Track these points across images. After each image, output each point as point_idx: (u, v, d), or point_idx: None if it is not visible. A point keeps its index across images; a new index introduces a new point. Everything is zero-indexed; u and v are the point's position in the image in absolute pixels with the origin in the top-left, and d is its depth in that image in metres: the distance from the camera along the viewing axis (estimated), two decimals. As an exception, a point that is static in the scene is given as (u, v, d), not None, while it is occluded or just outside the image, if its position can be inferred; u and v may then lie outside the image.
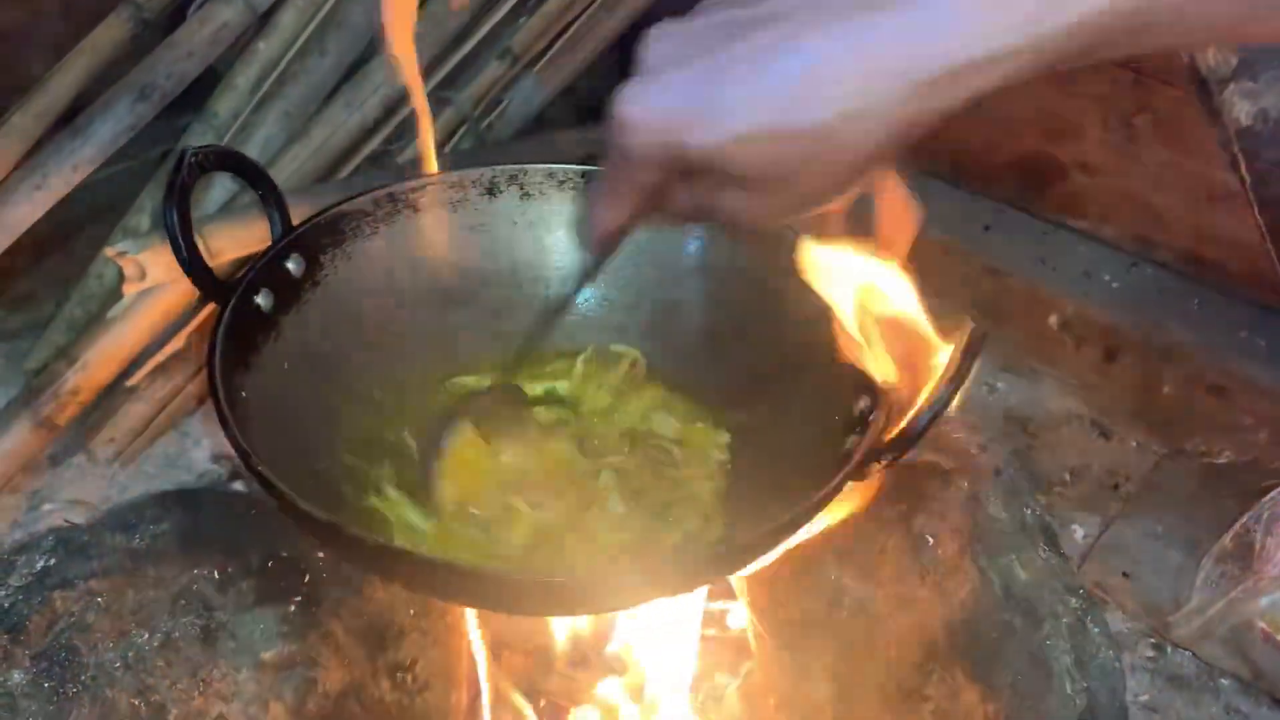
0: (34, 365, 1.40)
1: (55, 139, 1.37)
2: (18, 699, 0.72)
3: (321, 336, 0.92)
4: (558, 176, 1.04)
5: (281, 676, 0.79)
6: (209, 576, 0.78)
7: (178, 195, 0.83)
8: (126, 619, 0.75)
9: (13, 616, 0.75)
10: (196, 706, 0.77)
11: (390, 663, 0.84)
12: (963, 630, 0.81)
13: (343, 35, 1.43)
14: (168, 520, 0.81)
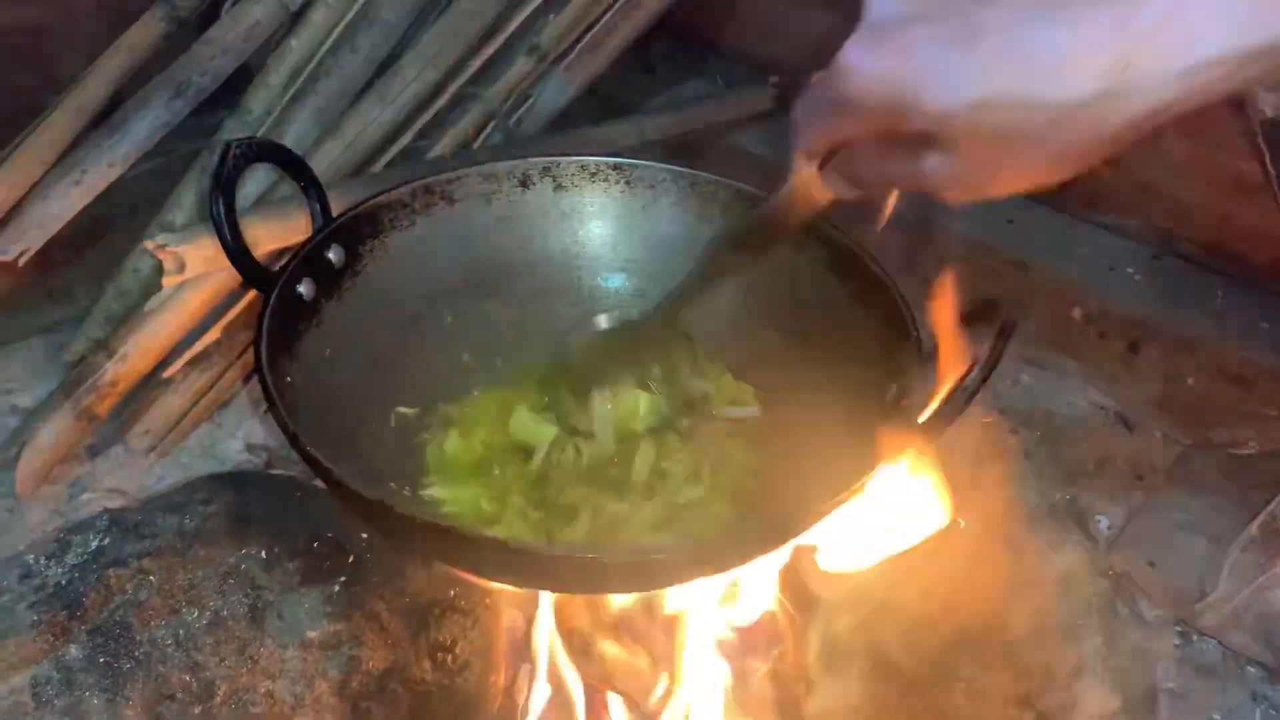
0: (72, 357, 1.42)
1: (93, 136, 1.40)
2: (75, 673, 0.74)
3: (362, 324, 0.95)
4: (590, 169, 1.06)
5: (326, 655, 0.81)
6: (256, 557, 0.80)
7: (223, 186, 0.85)
8: (177, 597, 0.77)
9: (70, 593, 0.77)
10: (244, 683, 0.79)
11: (431, 643, 0.85)
12: (994, 612, 0.82)
13: (374, 32, 1.45)
14: (216, 502, 0.84)
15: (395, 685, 0.84)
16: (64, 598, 0.77)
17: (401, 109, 1.44)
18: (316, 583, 0.82)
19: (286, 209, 1.21)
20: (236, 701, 0.78)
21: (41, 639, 0.76)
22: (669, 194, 1.05)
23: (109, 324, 1.41)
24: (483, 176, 1.04)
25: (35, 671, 0.74)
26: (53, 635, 0.76)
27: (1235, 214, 1.56)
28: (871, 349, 0.88)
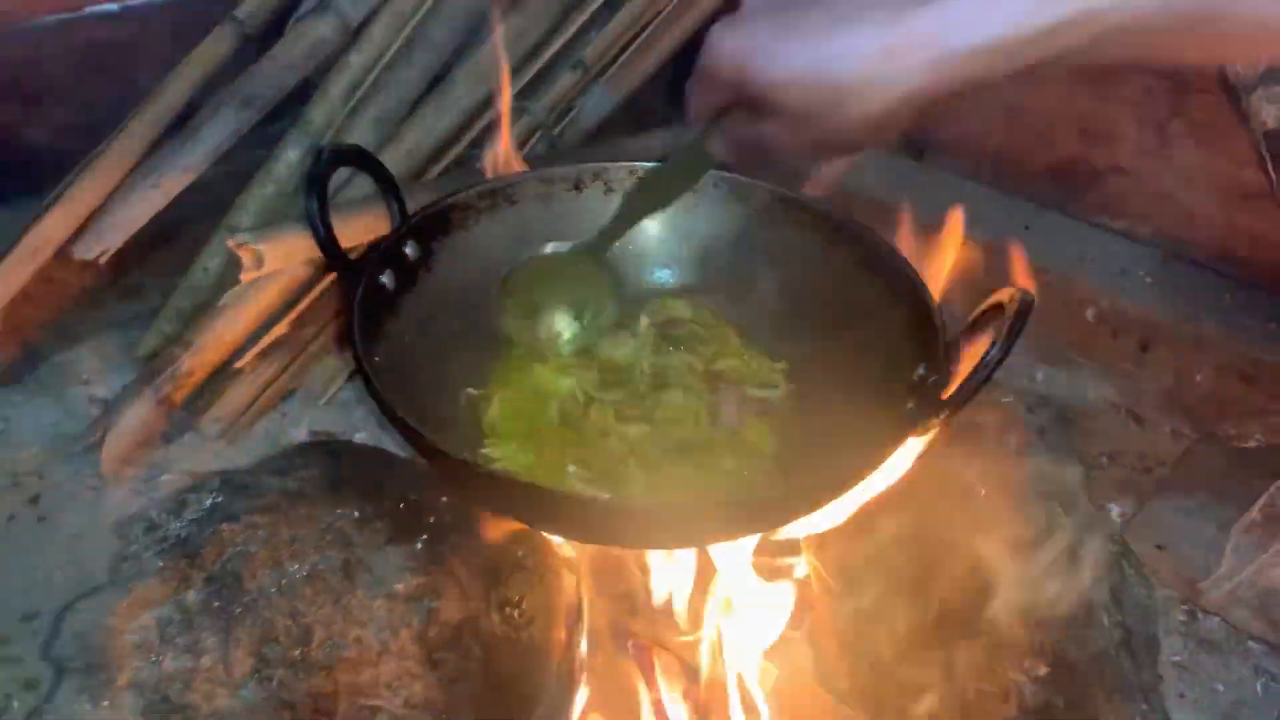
0: (144, 350, 1.52)
1: (169, 143, 1.51)
2: (193, 615, 0.84)
3: (434, 312, 1.04)
4: (636, 173, 1.15)
5: (409, 607, 0.90)
6: (349, 516, 0.90)
7: (318, 185, 0.95)
8: (281, 550, 0.87)
9: (189, 545, 0.87)
10: (338, 630, 0.88)
11: (501, 598, 0.94)
12: (1010, 571, 0.90)
13: (428, 49, 1.55)
14: (315, 467, 0.93)
15: (468, 636, 0.93)
16: (184, 548, 0.86)
17: (454, 120, 1.54)
18: (401, 541, 0.91)
19: (359, 210, 1.31)
20: (330, 646, 0.87)
21: (165, 584, 0.85)
22: (709, 195, 1.14)
23: (180, 319, 1.51)
24: (540, 180, 1.13)
25: (159, 612, 0.84)
26: (174, 581, 0.85)
27: (1242, 220, 1.65)
28: (898, 336, 0.96)
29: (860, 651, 1.01)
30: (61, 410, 1.47)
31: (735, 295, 1.11)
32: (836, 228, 1.08)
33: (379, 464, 0.96)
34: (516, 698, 0.97)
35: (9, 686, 1.13)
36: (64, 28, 1.57)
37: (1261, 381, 1.55)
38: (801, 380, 1.04)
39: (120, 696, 0.82)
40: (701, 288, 1.13)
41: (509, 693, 0.97)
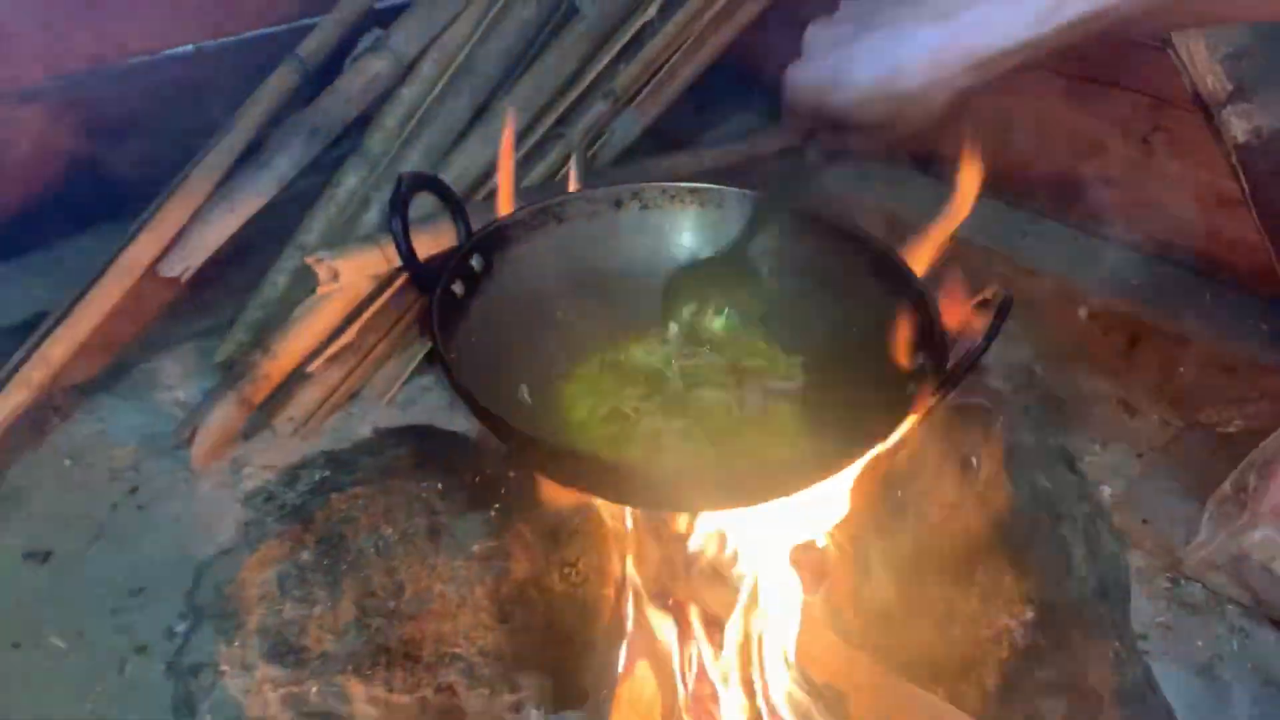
0: (220, 359, 1.69)
1: (243, 170, 1.67)
2: (307, 571, 0.99)
3: (496, 317, 1.19)
4: (670, 192, 1.30)
5: (483, 566, 1.05)
6: (433, 489, 1.05)
7: (401, 207, 1.10)
8: (378, 517, 1.02)
9: (303, 512, 1.02)
10: (424, 586, 1.03)
11: (561, 559, 1.09)
12: (1000, 528, 1.05)
13: (475, 81, 1.72)
14: (403, 447, 1.08)
15: (533, 593, 1.08)
16: (299, 514, 1.02)
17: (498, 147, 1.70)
18: (477, 510, 1.06)
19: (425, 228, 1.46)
20: (418, 599, 1.02)
21: (283, 545, 1.00)
22: (734, 211, 1.29)
23: (252, 330, 1.68)
24: (585, 200, 1.28)
25: (280, 569, 0.99)
26: (291, 542, 1.01)
27: (1221, 226, 1.79)
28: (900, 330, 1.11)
29: (872, 608, 1.15)
30: (150, 413, 1.64)
31: (757, 295, 1.26)
32: (847, 237, 1.23)
33: (455, 445, 1.12)
34: (573, 647, 1.12)
35: (125, 651, 1.29)
36: (146, 69, 1.74)
37: (1240, 373, 1.69)
38: (815, 370, 1.18)
39: (249, 638, 0.97)
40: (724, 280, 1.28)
41: (567, 643, 1.12)
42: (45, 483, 1.51)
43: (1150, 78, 1.75)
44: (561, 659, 1.13)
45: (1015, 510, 1.05)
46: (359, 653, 1.00)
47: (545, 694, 1.14)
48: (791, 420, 1.13)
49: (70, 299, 1.52)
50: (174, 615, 1.32)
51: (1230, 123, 1.56)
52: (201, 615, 0.98)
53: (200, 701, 0.96)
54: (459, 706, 1.08)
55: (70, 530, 1.44)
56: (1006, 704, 1.10)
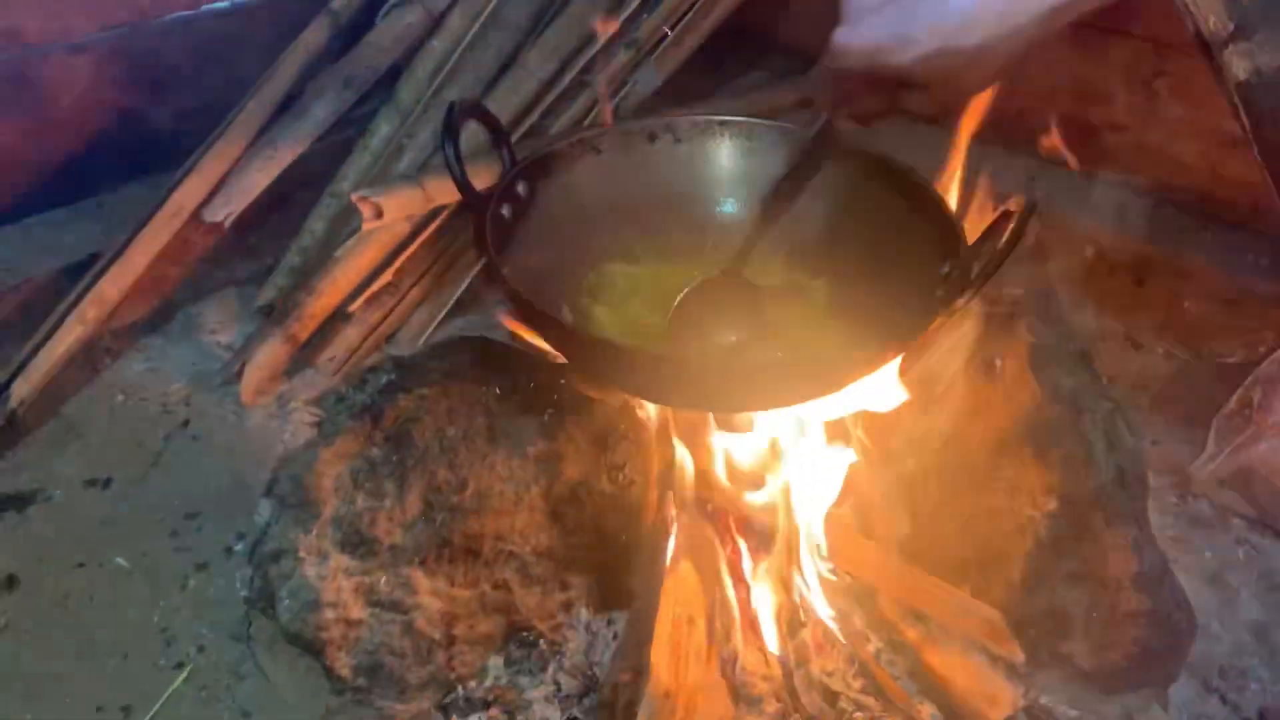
0: (262, 303, 1.75)
1: (281, 119, 1.73)
2: (377, 465, 1.06)
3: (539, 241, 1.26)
4: (700, 125, 1.37)
5: (539, 466, 1.12)
6: (492, 392, 1.11)
7: (453, 134, 1.17)
8: (442, 418, 1.08)
9: (374, 410, 1.08)
10: (485, 483, 1.09)
11: (609, 463, 1.16)
12: (1025, 425, 1.11)
13: (503, 32, 1.77)
14: (466, 354, 1.15)
15: (583, 493, 1.15)
16: (371, 412, 1.08)
17: (528, 94, 1.76)
18: (533, 413, 1.12)
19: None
20: (479, 495, 1.09)
21: (355, 441, 1.07)
22: (762, 140, 1.35)
23: (292, 275, 1.74)
24: (621, 133, 1.35)
25: (352, 464, 1.05)
26: (362, 439, 1.07)
27: (1222, 166, 1.85)
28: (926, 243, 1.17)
29: (901, 511, 1.22)
30: (197, 353, 1.70)
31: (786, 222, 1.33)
32: (872, 162, 1.29)
33: (511, 355, 1.18)
34: (621, 547, 1.19)
35: (186, 568, 1.36)
36: (185, 23, 1.80)
37: (1242, 306, 1.75)
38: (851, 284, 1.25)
39: (324, 528, 1.03)
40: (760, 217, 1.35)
41: (615, 543, 1.19)
42: (100, 417, 1.58)
43: (1153, 23, 1.82)
44: (608, 560, 1.20)
45: (1038, 407, 1.11)
46: (424, 546, 1.07)
47: (593, 594, 1.21)
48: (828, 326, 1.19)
49: (121, 241, 1.58)
50: (231, 536, 1.40)
51: (1231, 62, 1.62)
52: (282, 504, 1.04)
53: (279, 587, 1.03)
54: (514, 603, 1.15)
55: (127, 459, 1.51)
56: (1030, 595, 1.17)
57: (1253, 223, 1.82)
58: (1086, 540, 1.11)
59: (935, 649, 1.18)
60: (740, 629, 1.20)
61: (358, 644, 1.05)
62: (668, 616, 1.14)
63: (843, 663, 1.19)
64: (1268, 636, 1.36)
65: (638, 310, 1.29)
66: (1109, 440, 1.11)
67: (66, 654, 1.25)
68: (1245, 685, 1.30)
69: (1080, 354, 1.18)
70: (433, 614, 1.09)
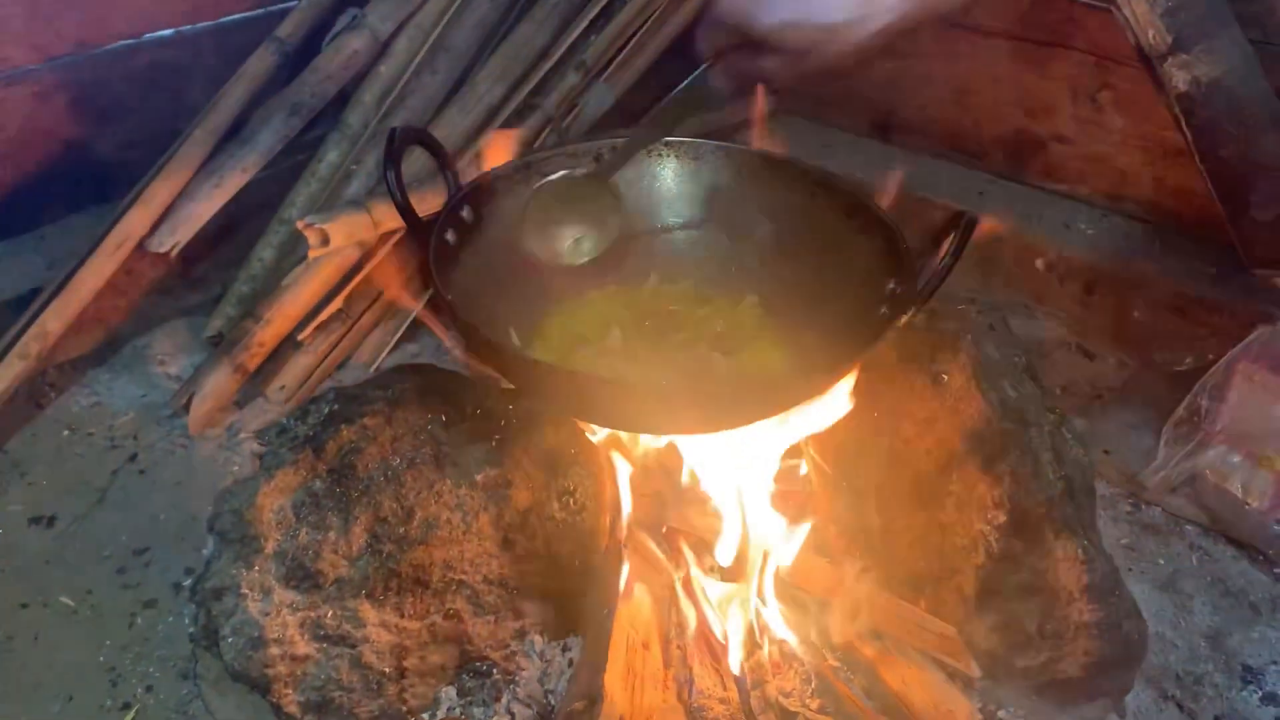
0: (210, 333, 1.72)
1: (226, 147, 1.71)
2: (320, 498, 1.04)
3: (487, 263, 1.25)
4: (648, 146, 1.36)
5: (487, 494, 1.10)
6: (438, 420, 1.10)
7: (394, 160, 1.16)
8: (386, 447, 1.07)
9: (316, 441, 1.07)
10: (432, 512, 1.08)
11: (560, 488, 1.15)
12: (972, 438, 1.11)
13: (450, 57, 1.77)
14: (410, 382, 1.13)
15: (534, 520, 1.14)
16: (312, 444, 1.07)
17: (476, 118, 1.75)
18: (480, 439, 1.11)
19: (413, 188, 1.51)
20: (426, 525, 1.07)
21: (297, 474, 1.05)
22: (708, 160, 1.35)
23: (240, 304, 1.71)
24: (567, 155, 1.34)
25: (294, 497, 1.04)
26: (304, 471, 1.05)
27: (1167, 176, 1.88)
28: (870, 260, 1.18)
29: (855, 525, 1.22)
30: (145, 385, 1.68)
31: (732, 235, 1.33)
32: (817, 180, 1.30)
33: (457, 382, 1.17)
34: (573, 575, 1.18)
35: (133, 606, 1.33)
36: (128, 52, 1.78)
37: (1190, 313, 1.77)
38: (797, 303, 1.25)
39: (266, 563, 1.02)
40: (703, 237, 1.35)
41: (567, 570, 1.17)
42: (45, 453, 1.55)
43: (1096, 38, 1.84)
44: (562, 586, 1.19)
45: (985, 420, 1.12)
46: (371, 578, 1.05)
47: (547, 621, 1.20)
48: (772, 348, 1.19)
49: (64, 274, 1.55)
50: (180, 571, 1.37)
51: (1171, 74, 1.65)
52: (222, 540, 1.02)
53: (222, 625, 1.01)
54: (466, 632, 1.14)
55: (72, 496, 1.48)
56: (983, 609, 1.17)
57: (1198, 231, 1.85)
58: (1036, 553, 1.11)
59: (892, 666, 1.18)
60: (697, 651, 1.19)
61: (305, 680, 1.03)
62: (622, 642, 1.13)
63: (799, 682, 1.18)
64: (1222, 643, 1.37)
65: (586, 333, 1.28)
66: (1056, 453, 1.12)
67: (9, 696, 1.22)
68: (1201, 692, 1.31)
69: (1026, 367, 1.19)
70: (382, 646, 1.07)
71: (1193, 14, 1.61)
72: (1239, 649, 1.36)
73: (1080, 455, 1.15)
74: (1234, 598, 1.43)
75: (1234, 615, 1.41)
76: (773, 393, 1.04)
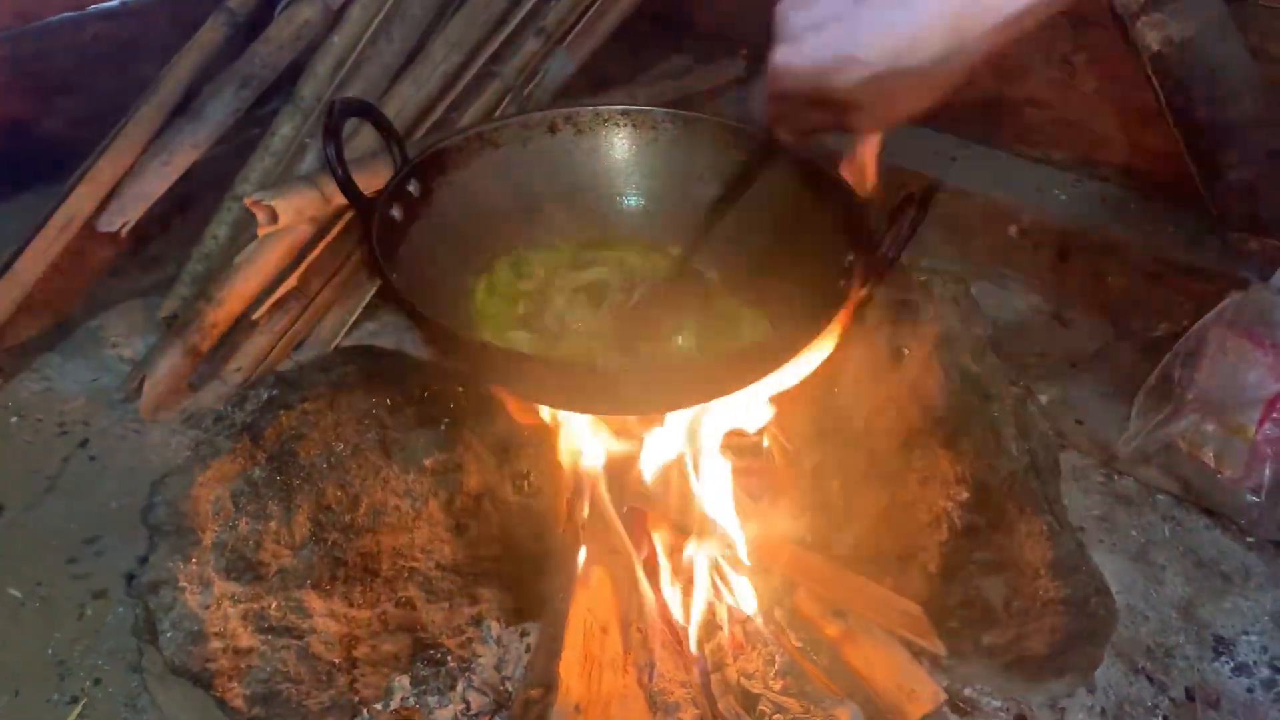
0: (165, 314, 1.68)
1: (175, 123, 1.66)
2: (260, 486, 1.01)
3: (437, 239, 1.21)
4: (603, 115, 1.32)
5: (436, 479, 1.07)
6: (383, 404, 1.07)
7: (334, 134, 1.11)
8: (329, 433, 1.04)
9: (254, 429, 1.03)
10: (378, 499, 1.05)
11: (513, 471, 1.12)
12: (933, 413, 1.09)
13: (405, 25, 1.72)
14: (353, 365, 1.10)
15: (487, 504, 1.11)
16: (250, 431, 1.03)
17: (433, 87, 1.71)
18: (428, 424, 1.08)
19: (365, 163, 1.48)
20: (373, 512, 1.04)
21: (235, 462, 1.02)
22: (667, 132, 1.31)
23: (194, 283, 1.67)
24: (519, 125, 1.30)
25: (233, 486, 1.00)
26: (243, 459, 1.02)
27: (1141, 139, 1.85)
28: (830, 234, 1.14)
29: (815, 504, 1.19)
30: (97, 369, 1.64)
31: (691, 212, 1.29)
32: (775, 151, 1.26)
33: (404, 363, 1.13)
34: (530, 559, 1.15)
35: (82, 597, 1.30)
36: (71, 25, 1.72)
37: (1165, 278, 1.75)
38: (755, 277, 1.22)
39: (205, 555, 0.98)
40: (661, 209, 1.31)
41: (523, 555, 1.15)
42: (-8, 441, 1.51)
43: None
44: (518, 570, 1.16)
45: (947, 395, 1.09)
46: (316, 567, 1.02)
47: (504, 606, 1.17)
48: (728, 323, 1.16)
49: (8, 256, 1.51)
50: (131, 560, 1.34)
51: (1144, 33, 1.61)
52: (157, 533, 0.99)
53: (161, 619, 0.97)
54: (419, 620, 1.11)
55: (21, 485, 1.44)
56: (948, 586, 1.14)
57: (1172, 195, 1.82)
58: (1001, 529, 1.09)
59: (856, 645, 1.16)
60: (657, 634, 1.17)
61: (250, 673, 1.00)
62: (579, 627, 1.10)
63: (762, 664, 1.16)
64: (1194, 613, 1.35)
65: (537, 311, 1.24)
66: (1020, 427, 1.09)
67: (-46, 693, 1.19)
68: (1172, 664, 1.29)
69: (990, 340, 1.15)
70: (330, 636, 1.04)
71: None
72: (1210, 620, 1.34)
73: (1045, 429, 1.12)
74: (1206, 568, 1.41)
75: (1206, 585, 1.39)
76: (726, 372, 1.01)
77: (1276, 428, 1.38)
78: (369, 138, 1.63)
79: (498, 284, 1.22)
